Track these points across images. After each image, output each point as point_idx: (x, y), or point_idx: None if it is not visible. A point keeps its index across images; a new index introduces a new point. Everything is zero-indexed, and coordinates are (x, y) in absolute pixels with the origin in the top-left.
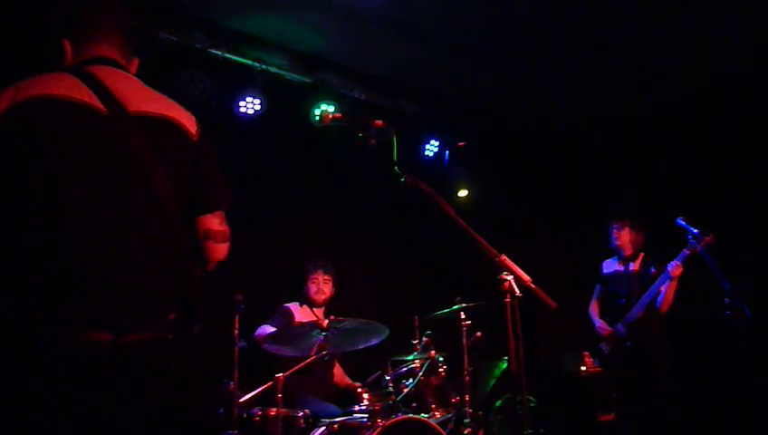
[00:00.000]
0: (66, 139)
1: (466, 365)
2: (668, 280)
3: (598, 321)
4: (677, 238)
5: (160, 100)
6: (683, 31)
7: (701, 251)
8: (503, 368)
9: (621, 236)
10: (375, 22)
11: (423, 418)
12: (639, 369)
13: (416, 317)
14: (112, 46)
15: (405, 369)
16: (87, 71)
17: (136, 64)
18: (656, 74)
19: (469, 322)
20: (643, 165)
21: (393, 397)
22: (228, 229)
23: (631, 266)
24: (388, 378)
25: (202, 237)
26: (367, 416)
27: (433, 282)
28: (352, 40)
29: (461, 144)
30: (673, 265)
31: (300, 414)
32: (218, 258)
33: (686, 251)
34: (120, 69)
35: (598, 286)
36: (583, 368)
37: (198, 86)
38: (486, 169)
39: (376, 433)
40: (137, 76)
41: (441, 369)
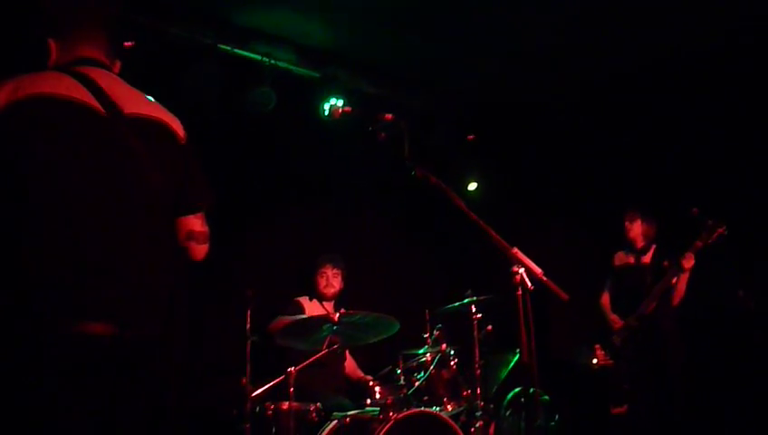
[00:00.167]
0: (69, 137)
1: (477, 358)
2: (681, 272)
3: (609, 314)
4: (689, 230)
5: (149, 102)
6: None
7: (714, 243)
8: (514, 361)
9: (633, 228)
10: (383, 15)
11: (435, 411)
12: (652, 361)
13: (426, 311)
14: (98, 47)
15: (416, 362)
16: (80, 71)
17: (119, 67)
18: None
19: (480, 315)
20: (655, 156)
21: (405, 390)
22: (208, 230)
23: (643, 259)
24: (399, 371)
25: (185, 238)
26: (379, 409)
27: (444, 275)
28: (361, 34)
29: (471, 137)
30: (685, 257)
31: (312, 408)
32: (198, 258)
33: (699, 243)
34: (107, 70)
35: (609, 279)
36: (595, 361)
37: (208, 82)
38: (497, 162)
39: (388, 426)
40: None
41: (452, 362)
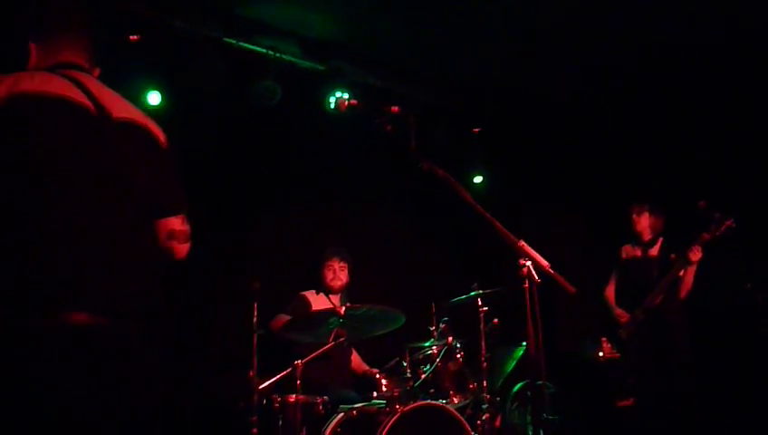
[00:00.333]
0: (62, 133)
1: (484, 351)
2: (688, 265)
3: (614, 307)
4: (696, 223)
5: (133, 107)
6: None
7: (721, 235)
8: (520, 354)
9: (641, 220)
10: (388, 7)
11: (441, 403)
12: (658, 354)
13: (433, 304)
14: (79, 52)
15: (422, 355)
16: (67, 74)
17: (97, 73)
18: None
19: (486, 308)
20: (662, 147)
21: (411, 383)
22: (189, 229)
23: (650, 252)
24: (405, 364)
25: (166, 237)
26: (385, 402)
27: (450, 268)
28: (366, 26)
29: (476, 130)
30: (692, 249)
31: (318, 401)
32: (180, 257)
33: (706, 235)
34: (89, 75)
35: (615, 272)
36: (601, 354)
37: (213, 75)
38: (502, 155)
39: (394, 419)
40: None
41: (458, 355)
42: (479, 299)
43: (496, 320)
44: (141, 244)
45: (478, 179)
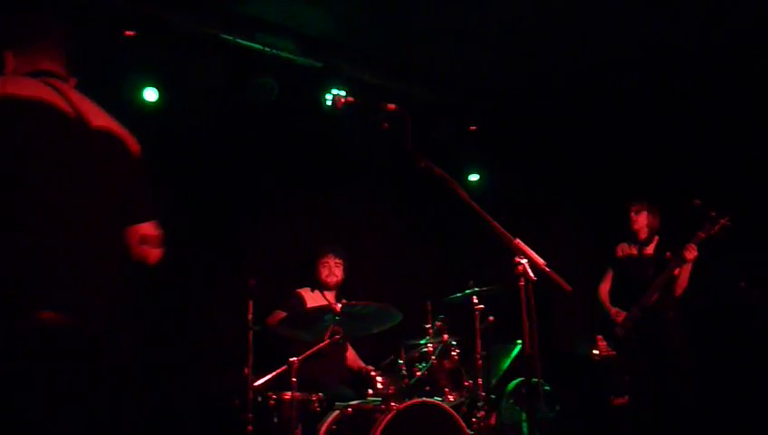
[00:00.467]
0: (42, 138)
1: (479, 349)
2: (683, 263)
3: (608, 305)
4: (691, 221)
5: (109, 117)
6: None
7: (716, 234)
8: (515, 352)
9: (639, 219)
10: (386, 5)
11: (436, 401)
12: (654, 352)
13: (428, 301)
14: (56, 61)
15: (418, 353)
16: (47, 81)
17: (74, 84)
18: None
19: (482, 306)
20: (658, 146)
21: (406, 381)
22: (161, 234)
23: (646, 250)
24: (401, 362)
25: (139, 242)
26: (381, 399)
27: (446, 266)
28: (363, 24)
29: (473, 128)
30: (688, 248)
31: (314, 398)
32: (153, 261)
33: (702, 234)
34: (66, 83)
35: (610, 269)
36: (596, 352)
37: (210, 72)
38: (499, 153)
39: (390, 416)
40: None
41: (454, 353)
42: (475, 297)
43: (492, 318)
44: (113, 247)
45: (474, 177)
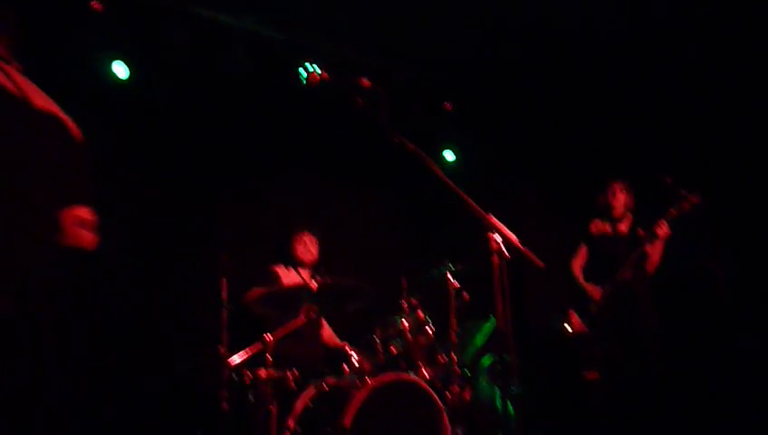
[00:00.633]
0: None
1: (454, 325)
2: (655, 240)
3: (582, 280)
4: (661, 199)
5: (51, 101)
6: None
7: (688, 211)
8: (489, 328)
9: (618, 198)
10: None
11: (411, 377)
12: (626, 327)
13: (403, 279)
14: (1, 45)
15: (393, 330)
16: None
17: (18, 68)
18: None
19: (457, 283)
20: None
21: (382, 357)
22: (96, 220)
23: (620, 227)
24: (376, 339)
25: (76, 224)
26: (356, 376)
27: (421, 243)
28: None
29: (448, 106)
30: (660, 225)
31: (289, 375)
32: (87, 245)
33: (673, 211)
34: (10, 66)
35: (583, 246)
36: (568, 327)
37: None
38: (474, 130)
39: (365, 392)
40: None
41: (429, 329)
42: (450, 274)
43: (466, 294)
44: (48, 229)
45: (449, 155)
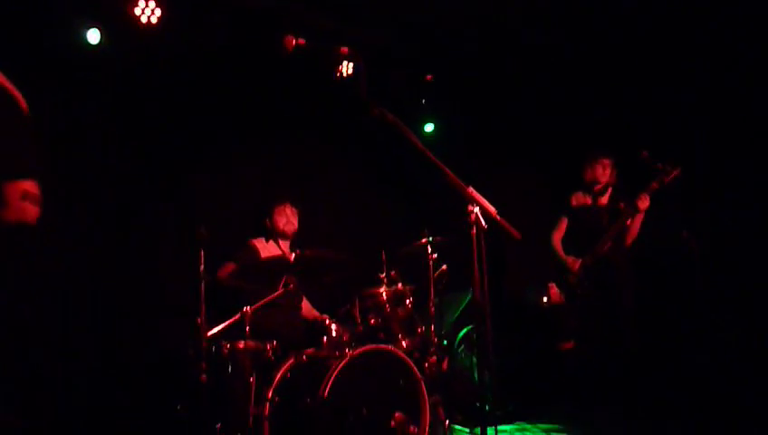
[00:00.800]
0: None
1: (432, 297)
2: (636, 213)
3: (562, 253)
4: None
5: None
6: None
7: (668, 184)
8: (467, 299)
9: (605, 173)
10: None
11: (390, 347)
12: (603, 299)
13: (383, 250)
14: None
15: (372, 301)
16: None
17: None
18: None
19: (435, 255)
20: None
21: (360, 328)
22: (40, 194)
23: (600, 200)
24: (355, 310)
25: (20, 197)
26: (335, 346)
27: (400, 215)
28: None
29: (429, 77)
30: (641, 198)
31: (268, 347)
32: (31, 220)
33: (655, 184)
34: None
35: (563, 218)
36: (545, 299)
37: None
38: (453, 101)
39: (344, 363)
40: None
41: (408, 301)
42: (429, 246)
43: (445, 266)
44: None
45: (429, 127)
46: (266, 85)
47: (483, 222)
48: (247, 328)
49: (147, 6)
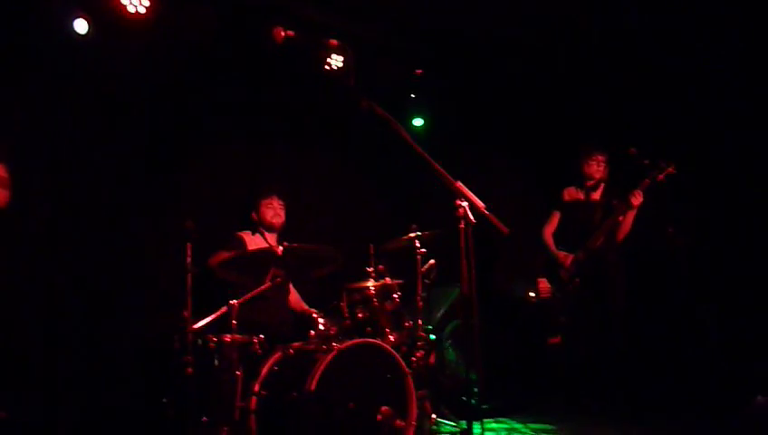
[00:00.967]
0: None
1: (420, 291)
2: (629, 209)
3: (553, 248)
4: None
5: None
6: None
7: (662, 181)
8: (455, 294)
9: (599, 169)
10: None
11: (377, 341)
12: (594, 295)
13: (371, 245)
14: None
15: (360, 295)
16: None
17: None
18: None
19: (424, 249)
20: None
21: (348, 322)
22: (8, 177)
23: (593, 195)
24: (343, 304)
25: None
26: (322, 340)
27: (388, 209)
28: None
29: (418, 71)
30: (634, 194)
31: (255, 340)
32: (1, 203)
33: (648, 181)
34: None
35: (555, 213)
36: (532, 294)
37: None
38: (443, 96)
39: (331, 356)
40: None
41: (395, 295)
42: (417, 240)
43: (433, 261)
44: None
45: (418, 122)
46: (255, 78)
47: (471, 217)
48: (234, 321)
49: None
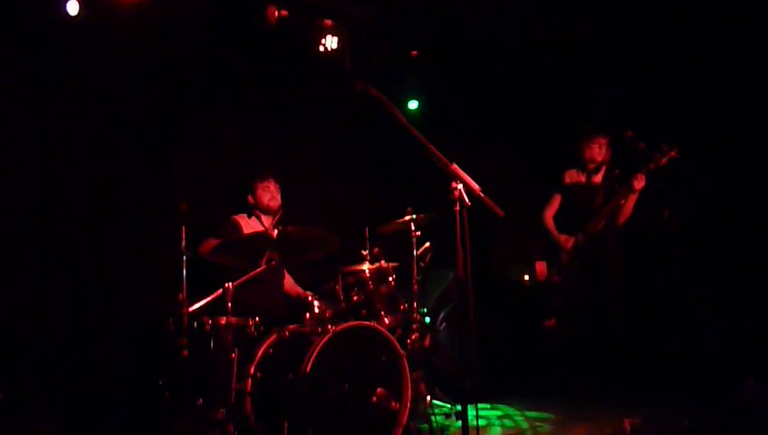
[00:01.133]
0: None
1: (415, 274)
2: (631, 193)
3: (554, 231)
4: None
5: None
6: None
7: (665, 165)
8: (450, 277)
9: (601, 152)
10: None
11: (372, 323)
12: (593, 278)
13: (366, 228)
14: None
15: (355, 278)
16: None
17: None
18: None
19: (419, 232)
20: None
21: (343, 305)
22: None
23: (594, 178)
24: (338, 287)
25: None
26: (317, 323)
27: (383, 192)
28: None
29: (414, 53)
30: (637, 178)
31: (250, 323)
32: None
33: (651, 165)
34: None
35: (556, 195)
36: (527, 277)
37: None
38: (439, 77)
39: (326, 339)
40: None
41: (391, 278)
42: (412, 223)
43: (428, 244)
44: None
45: (413, 104)
46: (249, 59)
47: (466, 199)
48: (229, 304)
49: None
